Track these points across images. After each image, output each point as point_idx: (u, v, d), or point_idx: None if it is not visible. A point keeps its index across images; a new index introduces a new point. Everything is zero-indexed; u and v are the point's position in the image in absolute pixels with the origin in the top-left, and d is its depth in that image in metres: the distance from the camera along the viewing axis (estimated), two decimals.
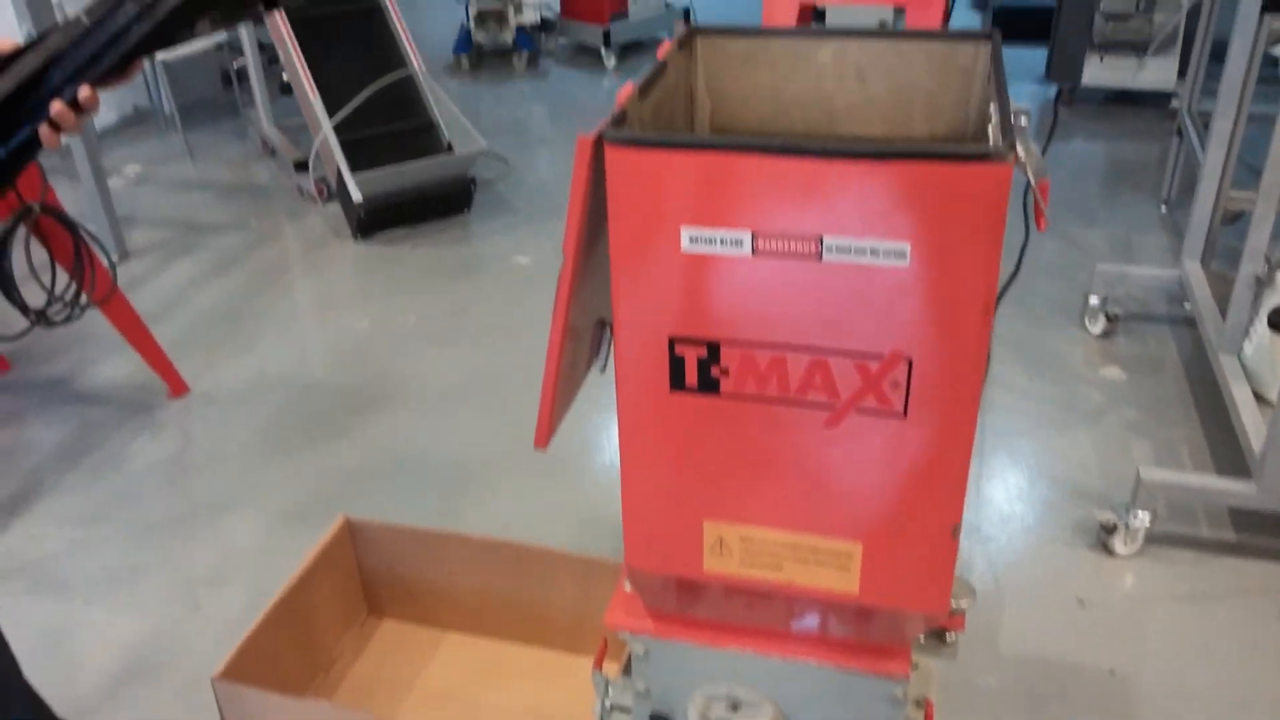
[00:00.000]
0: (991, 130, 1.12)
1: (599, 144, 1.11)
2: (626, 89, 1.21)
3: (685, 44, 1.42)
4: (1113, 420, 2.71)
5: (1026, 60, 5.15)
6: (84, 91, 1.05)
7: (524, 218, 4.05)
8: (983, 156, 0.99)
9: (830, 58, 1.40)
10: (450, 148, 3.91)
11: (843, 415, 1.17)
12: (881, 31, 1.39)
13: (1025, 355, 3.01)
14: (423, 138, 3.94)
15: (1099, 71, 4.49)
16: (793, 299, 1.13)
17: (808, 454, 1.20)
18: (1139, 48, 4.39)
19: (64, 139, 1.10)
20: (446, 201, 4.00)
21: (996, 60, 1.27)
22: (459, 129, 3.96)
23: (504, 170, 4.46)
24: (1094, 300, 3.09)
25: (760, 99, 1.46)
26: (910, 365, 1.11)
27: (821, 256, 1.09)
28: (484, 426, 2.77)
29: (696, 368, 1.19)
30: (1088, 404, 2.80)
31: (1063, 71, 4.59)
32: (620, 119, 1.16)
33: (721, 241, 1.12)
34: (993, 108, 1.15)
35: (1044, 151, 3.39)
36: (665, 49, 1.36)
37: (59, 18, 3.61)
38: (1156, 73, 4.43)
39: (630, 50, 5.72)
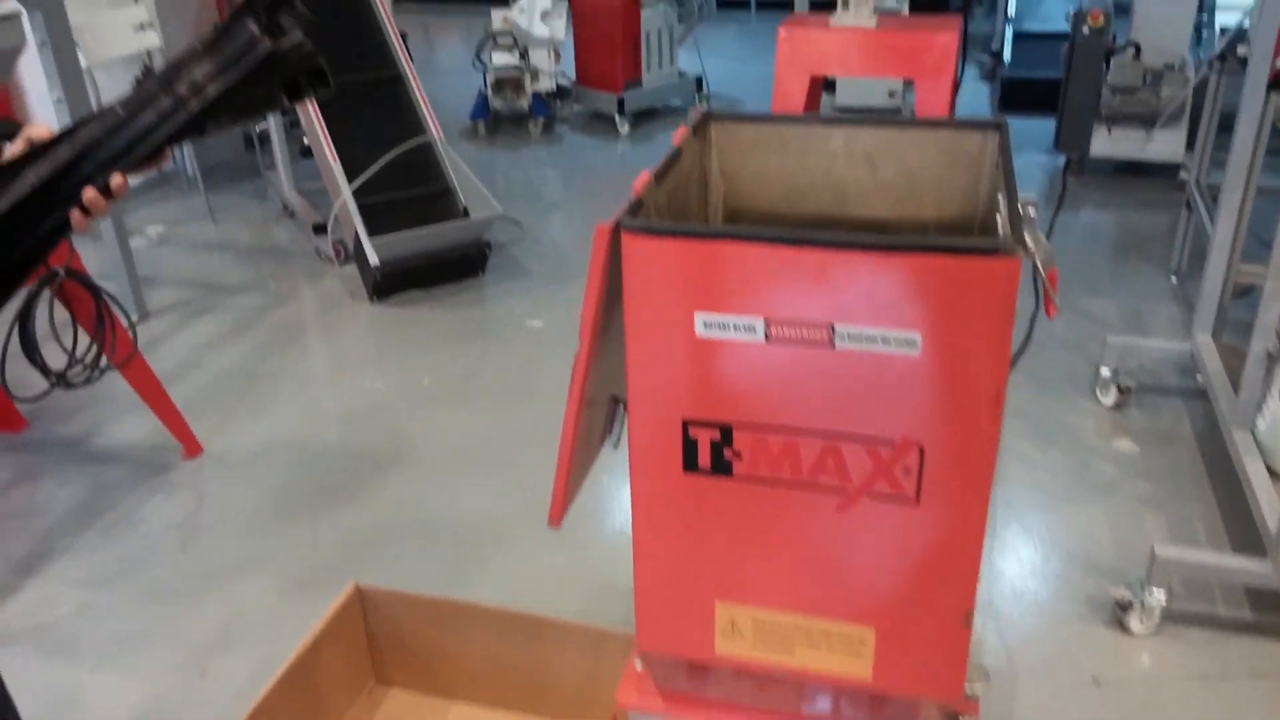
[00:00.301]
0: (1000, 221, 1.15)
1: (616, 232, 1.14)
2: (643, 177, 1.24)
3: (700, 129, 1.45)
4: (1126, 494, 2.70)
5: (1035, 130, 5.21)
6: (116, 179, 1.08)
7: (537, 281, 4.10)
8: (991, 251, 1.01)
9: (841, 144, 1.43)
10: (466, 212, 3.97)
11: (855, 500, 1.18)
12: (891, 119, 1.42)
13: (1036, 426, 3.01)
14: (439, 202, 4.00)
15: (1107, 143, 4.54)
16: (805, 384, 1.15)
17: (820, 538, 1.20)
18: (1147, 120, 4.45)
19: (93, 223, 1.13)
20: (461, 264, 4.05)
21: (1004, 149, 1.30)
22: (475, 194, 4.02)
23: (518, 234, 4.51)
24: (1105, 372, 3.10)
25: (773, 181, 1.49)
26: (922, 452, 1.13)
27: (834, 344, 1.11)
28: (495, 491, 2.78)
29: (710, 450, 1.21)
30: (1100, 477, 2.80)
31: (1071, 142, 4.67)
32: (636, 207, 1.19)
33: (735, 327, 1.14)
34: (1001, 198, 1.18)
35: (1052, 221, 3.43)
36: (680, 134, 1.39)
37: (89, 86, 3.71)
38: (1165, 144, 4.48)
39: (643, 117, 5.82)
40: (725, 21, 7.43)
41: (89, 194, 1.08)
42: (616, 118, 5.61)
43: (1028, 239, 1.10)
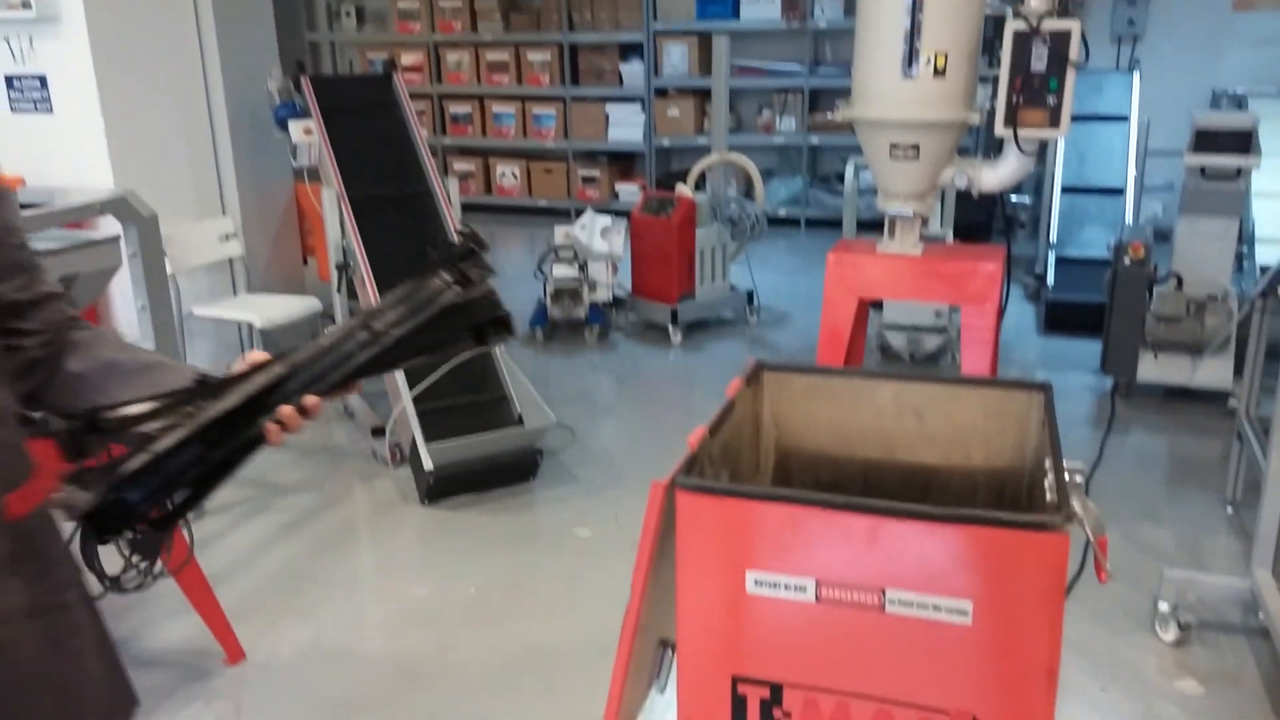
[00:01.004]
0: (1048, 488, 1.17)
1: (671, 488, 1.18)
2: (699, 432, 1.29)
3: (753, 379, 1.52)
4: None
5: (1081, 351, 5.27)
6: (310, 400, 1.20)
7: (586, 489, 4.13)
8: (1041, 526, 1.03)
9: (890, 397, 1.48)
10: (520, 420, 4.06)
11: None
12: (937, 376, 1.47)
13: (1096, 662, 2.91)
14: (495, 410, 4.11)
15: (1154, 368, 4.57)
16: (856, 647, 1.15)
17: None
18: (1192, 349, 4.49)
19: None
20: (513, 470, 4.11)
21: (1050, 413, 1.34)
22: (530, 402, 4.12)
23: (569, 439, 4.59)
24: (1164, 606, 3.01)
25: (823, 429, 1.54)
26: None
27: (884, 608, 1.12)
28: (535, 710, 2.72)
29: (759, 708, 1.20)
30: (1166, 719, 2.68)
31: (1118, 367, 4.71)
32: (691, 464, 1.23)
33: (785, 586, 1.16)
34: (1048, 464, 1.21)
35: (1102, 445, 3.43)
36: (735, 386, 1.45)
37: (173, 292, 3.93)
38: (1212, 372, 4.50)
39: (695, 327, 5.99)
40: (776, 238, 7.73)
41: (286, 410, 1.19)
42: (670, 328, 5.78)
43: (1077, 507, 1.12)
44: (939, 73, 2.92)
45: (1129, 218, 6.08)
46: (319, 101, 4.64)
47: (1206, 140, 4.40)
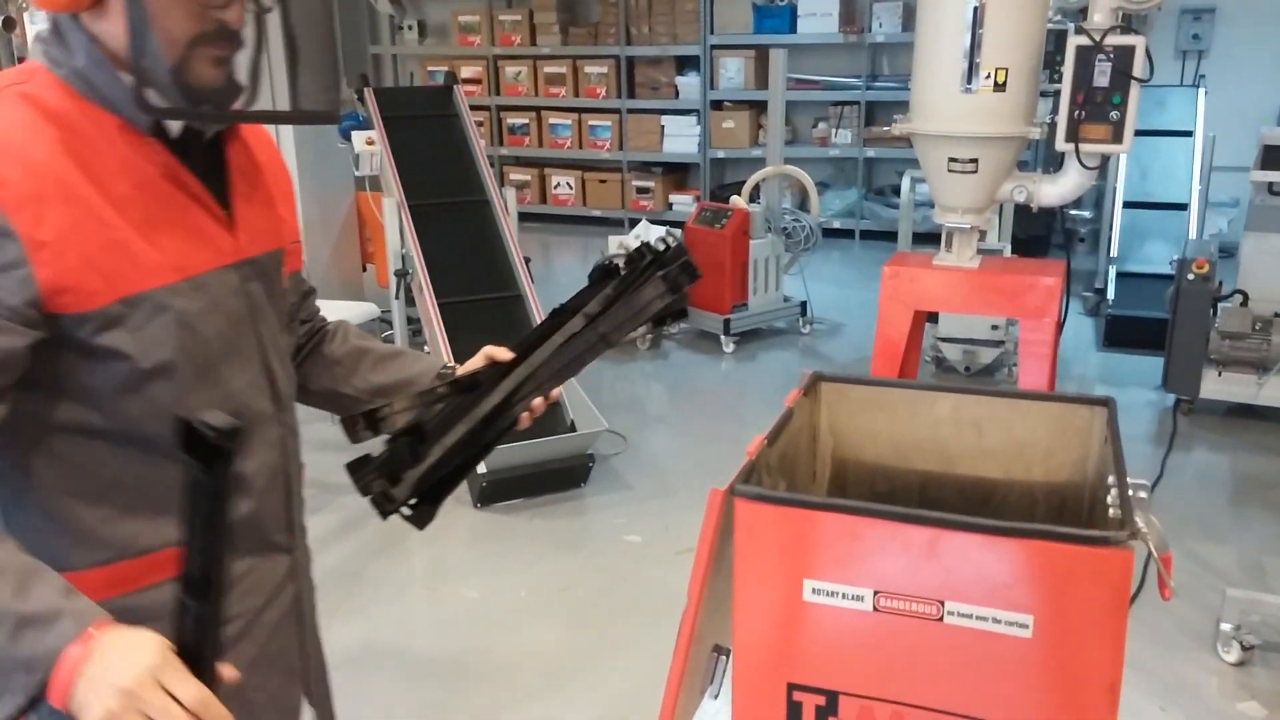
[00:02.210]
0: (1111, 504, 1.16)
1: (730, 496, 1.20)
2: (757, 441, 1.31)
3: (810, 390, 1.52)
4: None
5: (1142, 367, 5.18)
6: (556, 390, 1.35)
7: (637, 495, 4.15)
8: (1105, 541, 1.03)
9: (948, 410, 1.48)
10: (573, 426, 4.09)
11: None
12: (997, 390, 1.47)
13: (1156, 682, 2.86)
14: (548, 416, 4.10)
15: (1217, 385, 4.48)
16: (913, 657, 1.16)
17: None
18: (1258, 366, 4.39)
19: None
20: (565, 475, 4.14)
21: (1113, 428, 1.33)
22: (583, 408, 4.15)
23: (621, 446, 4.61)
24: (1226, 627, 2.95)
25: (881, 440, 1.54)
26: None
27: (943, 619, 1.12)
28: (584, 713, 2.74)
29: (814, 716, 1.21)
30: None
31: (1180, 384, 4.62)
32: (749, 471, 1.25)
33: (843, 595, 1.16)
34: (1111, 480, 1.20)
35: (1164, 462, 3.38)
36: (793, 396, 1.46)
37: None
38: (1278, 390, 4.40)
39: (747, 336, 5.99)
40: (830, 249, 7.70)
41: (536, 402, 1.34)
42: (722, 338, 5.78)
43: (1140, 524, 1.11)
44: (999, 87, 2.91)
45: (1192, 233, 5.97)
46: (381, 113, 4.73)
47: (1274, 156, 4.32)
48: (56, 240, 1.05)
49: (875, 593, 1.13)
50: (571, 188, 9.28)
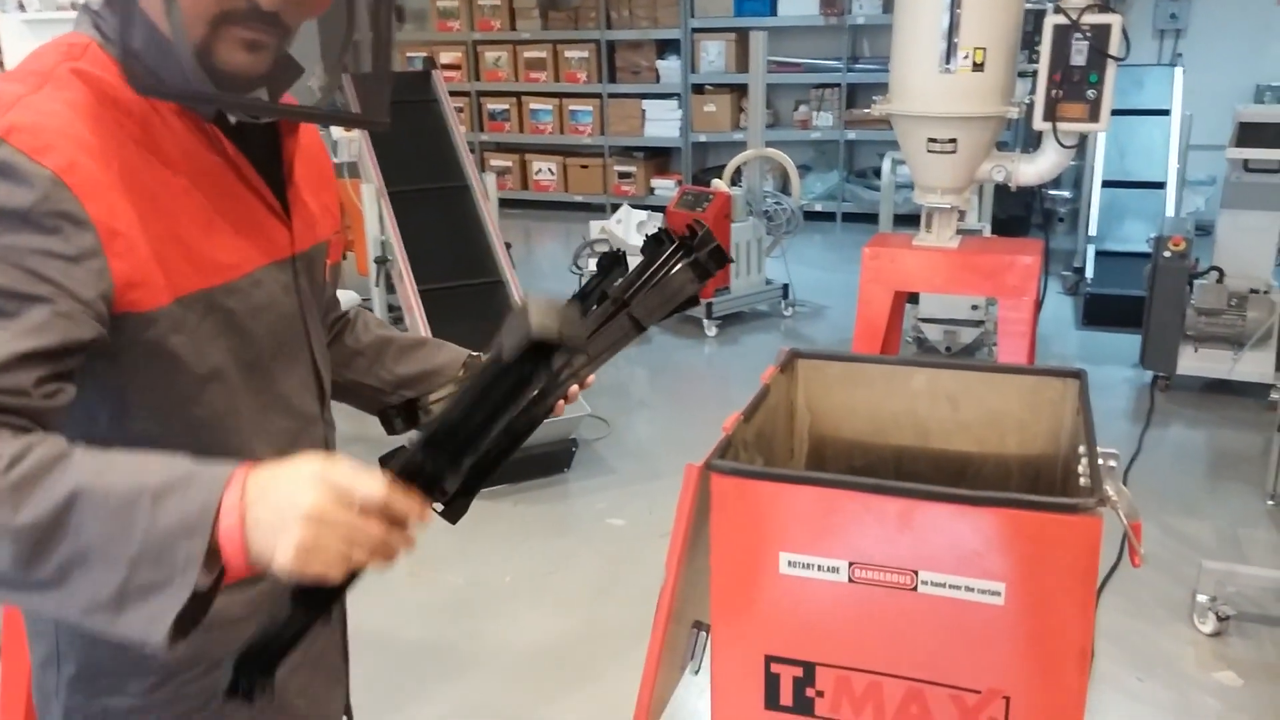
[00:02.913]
0: (1082, 473, 1.18)
1: (706, 471, 1.21)
2: (733, 417, 1.32)
3: (787, 366, 1.53)
4: None
5: (1120, 345, 5.22)
6: (590, 378, 1.31)
7: (620, 479, 4.16)
8: (1074, 509, 1.05)
9: (924, 384, 1.49)
10: None
11: None
12: (971, 363, 1.48)
13: (1134, 654, 2.90)
14: None
15: (1194, 361, 4.52)
16: (888, 627, 1.17)
17: None
18: (1233, 341, 4.44)
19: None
20: (548, 460, 4.15)
21: (1085, 400, 1.35)
22: None
23: (604, 430, 4.62)
24: (1202, 598, 2.99)
25: (857, 415, 1.56)
26: (1008, 702, 1.13)
27: (917, 589, 1.14)
28: (573, 702, 2.76)
29: (792, 687, 1.22)
30: (1204, 711, 2.67)
31: (1157, 361, 4.66)
32: (726, 446, 1.26)
33: (819, 568, 1.18)
34: (1082, 450, 1.22)
35: (1141, 438, 3.42)
36: (769, 373, 1.47)
37: None
38: (1253, 365, 4.44)
39: (730, 320, 6.00)
40: (812, 233, 7.71)
41: (573, 389, 1.28)
42: (704, 321, 5.80)
43: (1110, 492, 1.13)
44: (977, 67, 2.92)
45: (1170, 211, 6.01)
46: None
47: (1250, 134, 4.35)
48: (128, 231, 0.98)
49: (850, 564, 1.15)
50: (553, 173, 9.26)
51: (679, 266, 1.31)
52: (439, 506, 1.36)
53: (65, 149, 0.94)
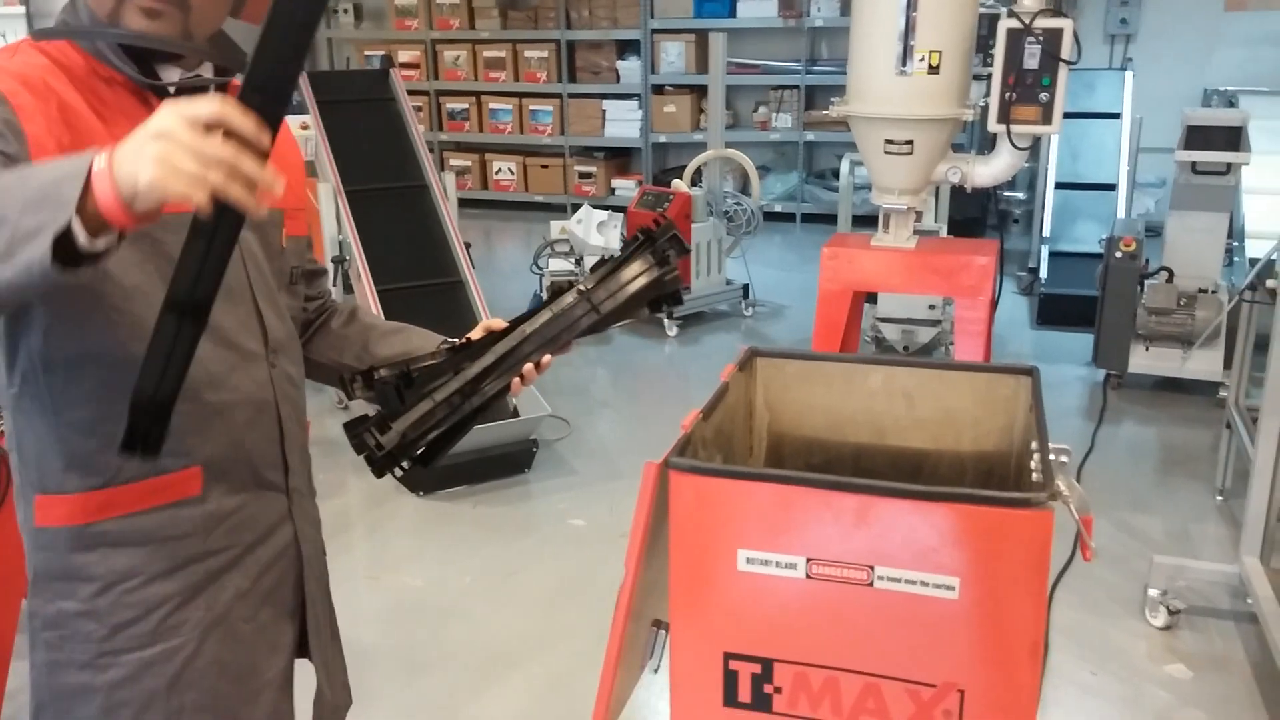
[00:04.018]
0: (1034, 468, 1.20)
1: (664, 469, 1.21)
2: (692, 415, 1.32)
3: (746, 365, 1.54)
4: None
5: (1074, 344, 5.31)
6: (546, 358, 1.39)
7: (582, 479, 4.16)
8: (1025, 503, 1.06)
9: (880, 382, 1.51)
10: (516, 412, 4.09)
11: None
12: (926, 361, 1.50)
13: (1086, 647, 2.95)
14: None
15: (1145, 359, 4.61)
16: (845, 622, 1.18)
17: None
18: (1183, 340, 4.52)
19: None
20: (508, 461, 4.14)
21: (1037, 396, 1.37)
22: (526, 394, 4.15)
23: (565, 430, 4.61)
24: (1153, 592, 3.05)
25: (815, 413, 1.57)
26: (962, 695, 1.14)
27: (873, 584, 1.15)
28: (532, 702, 2.75)
29: (750, 684, 1.23)
30: (1155, 703, 2.72)
31: (1109, 359, 4.75)
32: (684, 444, 1.26)
33: (777, 564, 1.18)
34: (1034, 446, 1.24)
35: (1094, 435, 3.47)
36: (728, 371, 1.48)
37: None
38: (1203, 363, 4.54)
39: (691, 319, 6.02)
40: (772, 233, 7.75)
41: (528, 368, 1.39)
42: (665, 321, 5.81)
43: (1061, 487, 1.15)
44: (933, 70, 2.95)
45: (1121, 212, 6.12)
46: (316, 97, 4.66)
47: (1197, 136, 4.44)
48: (56, 151, 1.12)
49: (808, 560, 1.16)
50: (513, 173, 9.23)
51: (638, 255, 1.36)
52: (399, 473, 1.42)
53: (12, 83, 1.14)
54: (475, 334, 1.47)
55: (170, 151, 0.92)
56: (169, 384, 1.07)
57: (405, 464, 1.40)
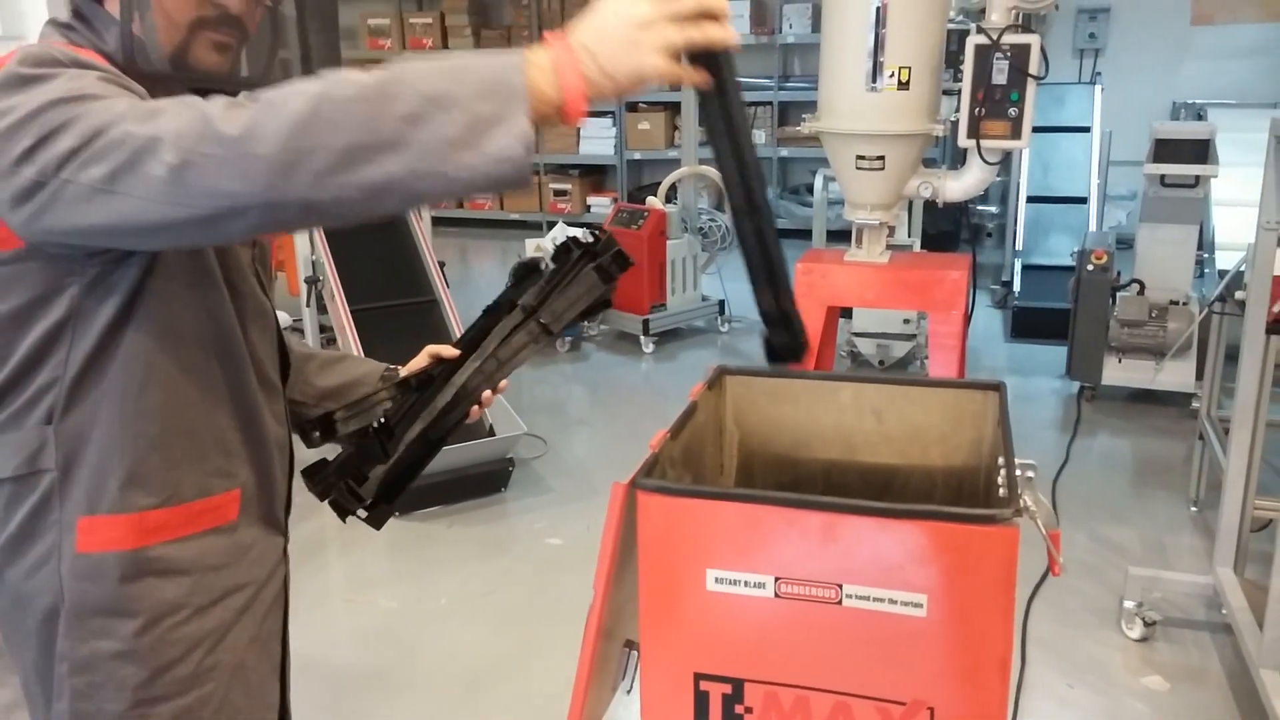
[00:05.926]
0: (1000, 484, 1.20)
1: (632, 489, 1.20)
2: (660, 434, 1.32)
3: (715, 383, 1.54)
4: None
5: (1048, 356, 5.34)
6: (503, 383, 1.41)
7: (558, 498, 4.14)
8: (991, 520, 1.06)
9: (850, 398, 1.51)
10: (492, 431, 4.07)
11: None
12: (895, 377, 1.50)
13: (1063, 660, 2.95)
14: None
15: (1118, 371, 4.64)
16: (815, 641, 1.18)
17: None
18: (1155, 352, 4.56)
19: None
20: (484, 480, 4.11)
21: (1004, 412, 1.37)
22: (502, 412, 4.13)
23: (541, 449, 4.60)
24: (1129, 604, 3.06)
25: (785, 430, 1.57)
26: (932, 713, 1.14)
27: (842, 602, 1.14)
28: (506, 717, 2.73)
29: (721, 705, 1.22)
30: (1132, 715, 2.72)
31: (1082, 372, 4.78)
32: (652, 465, 1.25)
33: (745, 584, 1.18)
34: (1001, 461, 1.24)
35: (1069, 447, 3.49)
36: (697, 390, 1.48)
37: None
38: (1175, 374, 4.57)
39: (667, 336, 6.02)
40: None
41: (485, 395, 1.39)
42: (641, 338, 5.81)
43: (1028, 502, 1.15)
44: (903, 86, 2.97)
45: (1092, 225, 6.18)
46: None
47: (1166, 149, 4.49)
48: None
49: (776, 579, 1.15)
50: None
51: (584, 271, 1.36)
52: (362, 514, 1.40)
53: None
54: (419, 362, 1.45)
55: (664, 32, 0.98)
56: (782, 283, 1.12)
57: (369, 503, 1.40)
